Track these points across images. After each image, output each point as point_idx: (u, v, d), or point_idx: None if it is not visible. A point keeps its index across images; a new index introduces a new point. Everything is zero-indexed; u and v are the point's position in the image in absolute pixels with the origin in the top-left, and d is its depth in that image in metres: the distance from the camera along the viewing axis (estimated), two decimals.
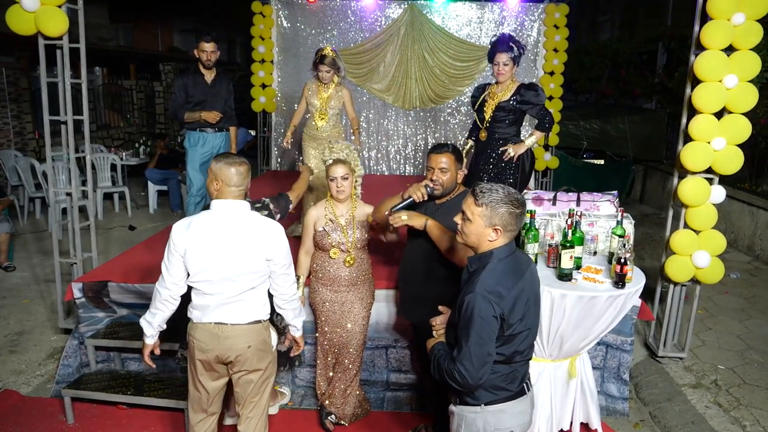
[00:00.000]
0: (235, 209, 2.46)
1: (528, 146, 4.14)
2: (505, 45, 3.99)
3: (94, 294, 3.89)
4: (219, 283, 2.43)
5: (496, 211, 1.99)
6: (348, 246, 3.16)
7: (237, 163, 2.45)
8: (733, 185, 6.63)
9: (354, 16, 7.68)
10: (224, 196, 2.45)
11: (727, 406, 3.53)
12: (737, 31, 3.40)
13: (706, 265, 3.70)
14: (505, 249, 2.06)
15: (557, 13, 7.33)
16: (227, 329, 2.47)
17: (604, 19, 15.44)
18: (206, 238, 2.40)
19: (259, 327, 2.54)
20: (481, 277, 1.98)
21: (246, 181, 2.49)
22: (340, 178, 3.10)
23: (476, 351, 1.94)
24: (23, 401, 3.64)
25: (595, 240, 3.33)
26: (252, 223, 2.46)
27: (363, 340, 3.36)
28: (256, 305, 2.52)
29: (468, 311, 1.95)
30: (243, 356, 2.50)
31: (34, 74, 9.82)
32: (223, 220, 2.43)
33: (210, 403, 2.66)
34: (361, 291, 3.29)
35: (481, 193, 2.02)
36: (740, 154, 3.55)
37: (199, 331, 2.51)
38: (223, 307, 2.47)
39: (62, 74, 3.93)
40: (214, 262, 2.40)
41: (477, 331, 1.94)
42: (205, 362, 2.54)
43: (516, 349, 2.04)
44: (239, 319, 2.49)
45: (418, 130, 8.03)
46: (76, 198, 4.17)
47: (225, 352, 2.49)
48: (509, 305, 1.97)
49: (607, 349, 3.65)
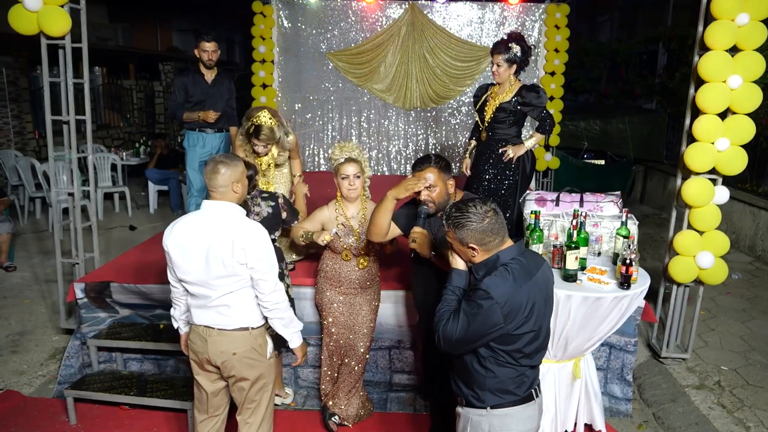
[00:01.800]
0: (215, 210, 2.41)
1: (527, 148, 4.09)
2: (501, 46, 3.91)
3: (97, 294, 3.88)
4: (197, 286, 2.41)
5: (462, 232, 2.03)
6: (361, 249, 3.15)
7: (217, 163, 2.40)
8: (735, 186, 6.62)
9: (355, 16, 7.66)
10: (210, 197, 2.44)
11: (731, 407, 3.53)
12: (741, 31, 3.39)
13: (710, 265, 3.69)
14: (509, 251, 2.05)
15: (558, 14, 7.32)
16: (213, 334, 2.46)
17: (604, 19, 15.44)
18: (184, 240, 2.39)
19: (247, 335, 2.47)
20: (490, 280, 1.98)
21: (229, 182, 2.40)
22: (353, 176, 3.06)
23: (461, 335, 1.98)
24: (25, 402, 3.63)
25: (599, 241, 3.33)
26: (229, 225, 2.38)
27: (369, 342, 3.35)
28: (242, 311, 2.46)
29: (475, 302, 1.96)
30: (229, 363, 2.47)
31: (34, 74, 9.80)
32: (202, 221, 2.40)
33: (210, 404, 2.64)
34: (369, 293, 3.28)
35: (447, 220, 2.08)
36: (744, 155, 3.55)
37: (192, 333, 2.54)
38: (208, 310, 2.44)
39: (64, 74, 3.92)
40: (190, 264, 2.38)
41: (472, 321, 1.96)
42: (198, 363, 2.55)
43: (518, 348, 2.02)
44: (225, 324, 2.45)
45: (419, 131, 8.02)
46: (78, 198, 4.16)
47: (212, 357, 2.48)
48: (514, 306, 1.96)
49: (611, 350, 3.64)
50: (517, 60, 3.92)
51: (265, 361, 2.56)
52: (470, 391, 2.12)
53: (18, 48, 8.95)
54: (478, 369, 2.07)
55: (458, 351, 2.08)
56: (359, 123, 7.96)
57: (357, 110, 7.93)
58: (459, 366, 2.17)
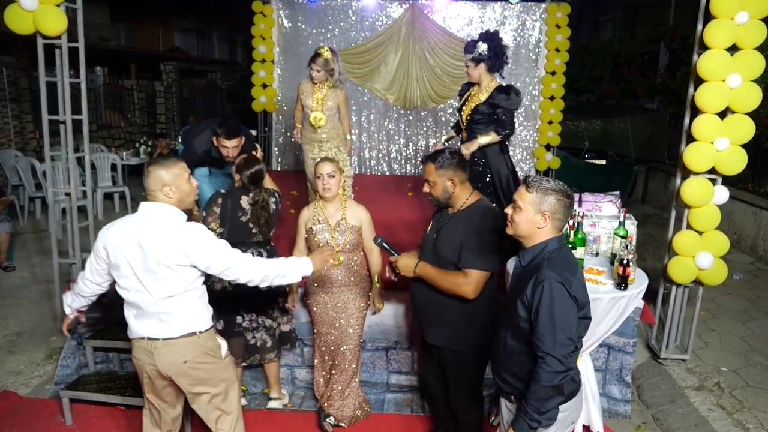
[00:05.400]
0: (148, 213, 2.34)
1: (480, 144, 3.84)
2: (469, 44, 3.88)
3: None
4: (134, 292, 2.33)
5: (545, 198, 2.05)
6: (335, 247, 3.14)
7: (151, 164, 2.36)
8: (736, 185, 6.59)
9: (355, 15, 7.64)
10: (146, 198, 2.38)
11: (731, 408, 3.50)
12: (741, 30, 3.36)
13: (709, 266, 3.67)
14: (557, 240, 2.11)
15: (559, 13, 7.29)
16: (159, 345, 2.35)
17: (606, 18, 15.41)
18: (117, 241, 2.31)
19: (195, 340, 2.38)
20: (545, 266, 2.00)
21: (159, 185, 2.32)
22: (326, 176, 3.09)
23: (561, 339, 1.94)
24: (21, 402, 3.62)
25: (597, 241, 3.31)
26: (163, 226, 2.30)
27: (358, 342, 3.34)
28: (185, 316, 2.36)
29: (546, 299, 1.95)
30: (181, 371, 2.37)
31: (35, 74, 9.80)
32: (137, 223, 2.33)
33: (163, 420, 2.57)
34: (354, 292, 3.28)
35: (532, 182, 2.10)
36: (744, 155, 3.52)
37: (136, 349, 2.42)
38: (148, 319, 2.35)
39: (61, 74, 3.91)
40: (127, 268, 2.31)
41: (561, 315, 1.94)
42: (148, 381, 2.45)
43: (580, 335, 2.07)
44: (169, 332, 2.34)
45: (419, 130, 8.00)
46: (75, 198, 4.15)
47: (163, 369, 2.37)
48: (579, 287, 2.01)
49: (609, 351, 3.62)
50: (484, 58, 3.83)
51: (221, 362, 2.47)
52: (525, 386, 2.09)
53: (20, 48, 8.96)
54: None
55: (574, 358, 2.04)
56: (359, 122, 7.94)
57: (357, 110, 7.91)
58: (512, 360, 2.14)
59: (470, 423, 2.85)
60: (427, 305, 2.72)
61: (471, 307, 2.56)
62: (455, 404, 2.82)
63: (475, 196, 2.65)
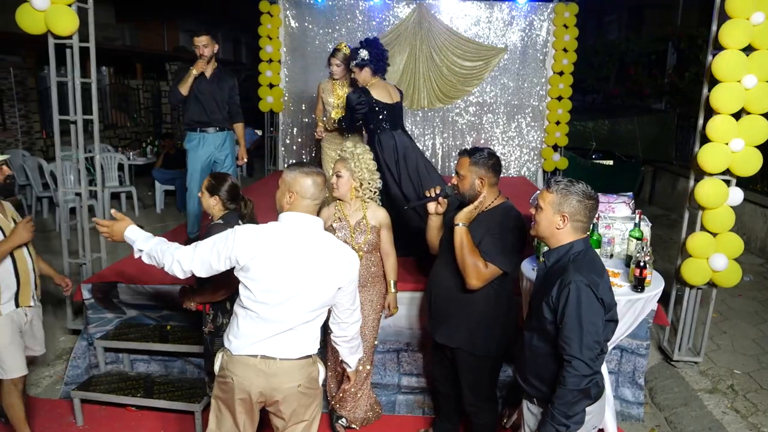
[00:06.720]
0: (309, 225, 2.14)
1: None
2: (353, 53, 4.22)
3: (104, 295, 3.86)
4: (279, 309, 2.08)
5: (566, 198, 2.05)
6: (354, 246, 3.12)
7: (314, 173, 2.15)
8: (746, 186, 6.53)
9: (362, 15, 7.63)
10: (297, 209, 2.14)
11: (745, 411, 3.47)
12: (756, 30, 3.34)
13: (724, 268, 3.64)
14: (582, 242, 2.09)
15: (567, 13, 7.28)
16: (275, 365, 2.10)
17: (612, 18, 15.37)
18: (275, 254, 2.06)
19: (309, 362, 2.19)
20: (571, 268, 1.98)
21: (323, 194, 2.18)
22: (335, 176, 3.09)
23: (588, 342, 1.91)
24: (32, 403, 3.61)
25: (611, 243, 3.28)
26: (326, 244, 2.14)
27: (372, 343, 3.32)
28: (310, 338, 2.18)
29: (572, 301, 1.93)
30: (291, 397, 2.15)
31: (42, 74, 9.82)
32: (295, 236, 2.10)
33: None
34: (370, 293, 3.25)
35: (554, 183, 2.11)
36: (759, 156, 3.49)
37: (240, 366, 2.11)
38: (275, 337, 2.10)
39: (72, 74, 3.91)
40: (280, 284, 2.05)
41: (588, 318, 1.92)
42: (247, 402, 2.14)
43: (606, 338, 2.05)
44: (289, 353, 2.12)
45: (426, 131, 7.98)
46: (86, 198, 4.15)
47: (271, 392, 2.12)
48: (605, 289, 1.99)
49: (622, 353, 3.59)
50: (367, 63, 4.16)
51: (320, 389, 2.31)
52: (549, 389, 2.07)
53: (26, 48, 8.97)
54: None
55: (601, 361, 2.03)
56: None
57: None
58: (537, 362, 2.13)
59: (484, 425, 2.84)
60: (446, 302, 2.70)
61: (491, 310, 2.55)
62: (469, 406, 2.81)
63: (501, 198, 2.65)
